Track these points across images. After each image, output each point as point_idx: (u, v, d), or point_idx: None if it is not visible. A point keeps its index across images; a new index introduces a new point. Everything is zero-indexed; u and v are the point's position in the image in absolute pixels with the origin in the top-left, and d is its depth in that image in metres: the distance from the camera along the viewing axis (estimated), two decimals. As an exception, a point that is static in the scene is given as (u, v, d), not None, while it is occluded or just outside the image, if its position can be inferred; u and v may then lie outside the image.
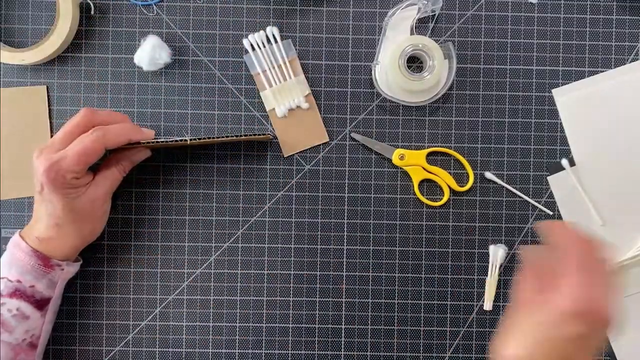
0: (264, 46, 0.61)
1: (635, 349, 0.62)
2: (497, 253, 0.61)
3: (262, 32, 0.61)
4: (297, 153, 0.62)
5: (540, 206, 0.62)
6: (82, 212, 0.53)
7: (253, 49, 0.61)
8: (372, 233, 0.62)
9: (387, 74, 0.60)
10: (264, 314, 0.62)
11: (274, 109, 0.61)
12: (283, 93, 0.61)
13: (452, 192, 0.62)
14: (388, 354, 0.62)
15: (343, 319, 0.62)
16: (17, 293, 0.51)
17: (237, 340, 0.62)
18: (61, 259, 0.53)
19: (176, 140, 0.55)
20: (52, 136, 0.62)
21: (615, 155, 0.62)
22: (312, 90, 0.62)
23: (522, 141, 0.62)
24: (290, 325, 0.62)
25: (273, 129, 0.62)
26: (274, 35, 0.61)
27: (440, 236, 0.62)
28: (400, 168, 0.62)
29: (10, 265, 0.52)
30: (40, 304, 0.53)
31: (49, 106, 0.61)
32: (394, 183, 0.62)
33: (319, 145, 0.62)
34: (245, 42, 0.61)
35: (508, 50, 0.62)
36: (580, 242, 0.43)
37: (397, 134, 0.62)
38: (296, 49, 0.62)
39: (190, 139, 0.55)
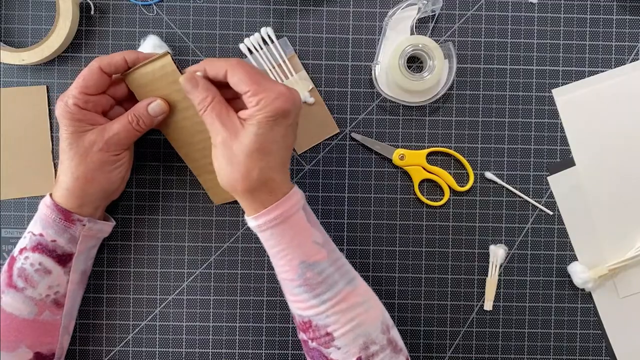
0: (261, 48, 0.61)
1: (635, 349, 0.62)
2: (497, 253, 0.61)
3: (257, 34, 0.61)
4: (300, 152, 0.62)
5: (540, 206, 0.62)
6: (81, 152, 0.52)
7: (250, 52, 0.61)
8: (372, 233, 0.62)
9: (387, 74, 0.60)
10: (264, 314, 0.62)
11: (279, 108, 0.61)
12: (285, 92, 0.61)
13: (452, 192, 0.62)
14: (388, 354, 0.62)
15: (343, 319, 0.62)
16: (39, 247, 0.52)
17: (237, 340, 0.62)
18: (78, 211, 0.53)
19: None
20: (52, 136, 0.62)
21: (615, 155, 0.62)
22: (312, 90, 0.62)
23: (522, 141, 0.62)
24: (290, 325, 0.62)
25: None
26: (269, 36, 0.61)
27: (440, 236, 0.62)
28: (400, 168, 0.62)
29: (36, 220, 0.54)
30: (62, 259, 0.53)
31: (49, 106, 0.61)
32: (394, 183, 0.62)
33: (319, 144, 0.62)
34: (242, 46, 0.61)
35: (508, 50, 0.62)
36: (234, 63, 0.49)
37: (397, 134, 0.62)
38: (296, 49, 0.62)
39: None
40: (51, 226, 0.52)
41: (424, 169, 0.61)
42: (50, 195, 0.54)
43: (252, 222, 0.50)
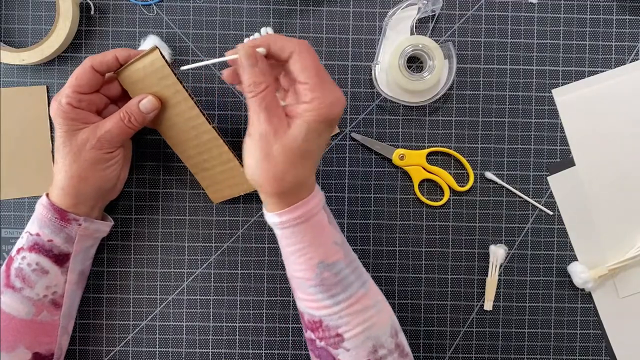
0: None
1: (635, 349, 0.62)
2: (497, 253, 0.61)
3: (257, 34, 0.61)
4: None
5: (540, 206, 0.62)
6: (75, 150, 0.52)
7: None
8: (372, 233, 0.62)
9: (387, 74, 0.60)
10: (264, 314, 0.62)
11: (280, 108, 0.61)
12: (284, 93, 0.61)
13: (452, 192, 0.62)
14: (388, 354, 0.62)
15: (343, 319, 0.62)
16: (36, 247, 0.52)
17: (237, 340, 0.62)
18: (74, 210, 0.53)
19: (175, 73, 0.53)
20: (52, 136, 0.62)
21: (615, 156, 0.62)
22: (312, 90, 0.62)
23: (522, 141, 0.62)
24: (290, 325, 0.62)
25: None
26: (271, 35, 0.61)
27: (440, 236, 0.62)
28: (400, 168, 0.62)
29: (33, 220, 0.53)
30: (60, 259, 0.53)
31: (48, 106, 0.61)
32: (394, 183, 0.62)
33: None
34: (243, 45, 0.61)
35: (508, 50, 0.62)
36: (304, 47, 0.46)
37: (397, 134, 0.62)
38: (296, 49, 0.62)
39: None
40: (47, 226, 0.52)
41: (424, 169, 0.61)
42: (47, 194, 0.54)
43: (274, 218, 0.48)
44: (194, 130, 0.55)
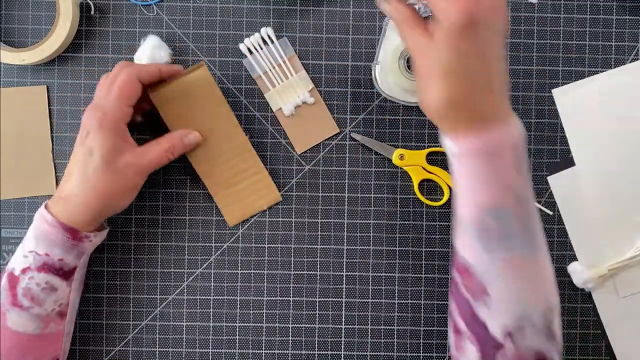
0: (261, 48, 0.61)
1: (635, 349, 0.62)
2: (497, 253, 0.61)
3: (257, 34, 0.61)
4: (301, 152, 0.62)
5: (540, 206, 0.62)
6: (115, 170, 0.52)
7: (250, 52, 0.61)
8: (372, 233, 0.62)
9: (387, 74, 0.60)
10: (264, 314, 0.62)
11: (280, 108, 0.61)
12: (287, 91, 0.61)
13: (452, 192, 0.62)
14: (388, 354, 0.62)
15: (343, 319, 0.62)
16: (46, 267, 0.51)
17: (237, 340, 0.62)
18: (85, 227, 0.52)
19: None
20: (52, 136, 0.62)
21: (615, 155, 0.62)
22: (312, 90, 0.62)
23: (522, 141, 0.62)
24: (290, 325, 0.62)
25: (275, 129, 0.62)
26: (269, 36, 0.61)
27: (440, 236, 0.62)
28: (400, 168, 0.62)
29: (37, 239, 0.51)
30: (67, 274, 0.53)
31: (49, 106, 0.61)
32: (394, 183, 0.62)
33: (319, 144, 0.62)
34: (241, 46, 0.61)
35: (508, 50, 0.62)
36: None
37: (397, 134, 0.62)
38: (296, 49, 0.62)
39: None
40: (59, 246, 0.51)
41: (424, 169, 0.61)
42: (46, 208, 0.52)
43: (447, 143, 0.44)
44: (227, 144, 0.57)
